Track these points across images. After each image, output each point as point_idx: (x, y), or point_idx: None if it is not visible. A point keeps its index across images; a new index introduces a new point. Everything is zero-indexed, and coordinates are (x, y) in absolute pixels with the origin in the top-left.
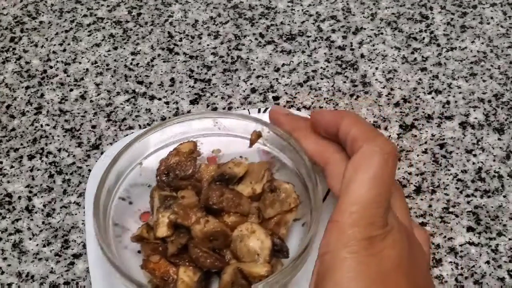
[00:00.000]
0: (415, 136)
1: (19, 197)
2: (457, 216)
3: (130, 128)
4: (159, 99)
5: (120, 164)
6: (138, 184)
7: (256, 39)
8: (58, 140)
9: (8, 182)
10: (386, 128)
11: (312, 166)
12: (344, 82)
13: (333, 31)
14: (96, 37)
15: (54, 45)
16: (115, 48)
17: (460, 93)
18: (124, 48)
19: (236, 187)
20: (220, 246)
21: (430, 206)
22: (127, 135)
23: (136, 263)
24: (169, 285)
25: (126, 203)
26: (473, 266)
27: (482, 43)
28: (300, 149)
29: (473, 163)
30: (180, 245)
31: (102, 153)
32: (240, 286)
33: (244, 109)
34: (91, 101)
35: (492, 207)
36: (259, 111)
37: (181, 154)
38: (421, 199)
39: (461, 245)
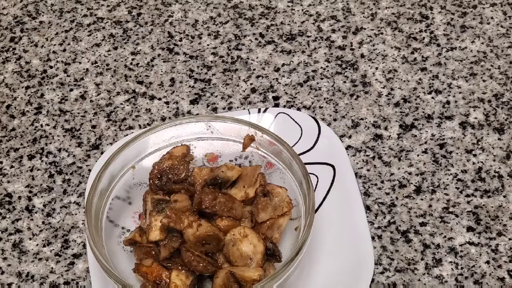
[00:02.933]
0: (415, 136)
1: (19, 197)
2: (457, 216)
3: (130, 128)
4: (159, 99)
5: (113, 167)
6: (137, 185)
7: (256, 39)
8: (58, 140)
9: (8, 182)
10: (386, 128)
11: (306, 171)
12: (344, 82)
13: (333, 31)
14: (96, 37)
15: (54, 45)
16: (115, 48)
17: (460, 93)
18: (124, 48)
19: (229, 191)
20: (212, 250)
21: (430, 206)
22: (127, 135)
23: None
24: None
25: (125, 203)
26: (473, 266)
27: (482, 43)
28: (294, 153)
29: (473, 163)
30: (172, 249)
31: (102, 153)
32: None
33: (244, 108)
34: (91, 101)
35: (492, 207)
36: (259, 111)
37: (174, 158)
38: (421, 199)
39: (461, 245)
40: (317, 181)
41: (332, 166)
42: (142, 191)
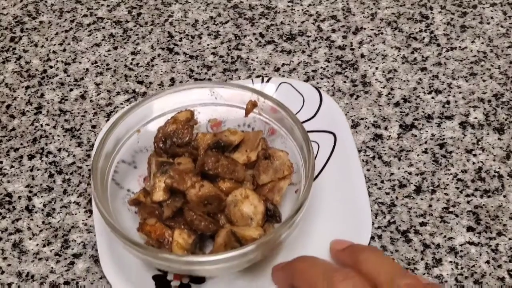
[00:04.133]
0: (415, 136)
1: (19, 197)
2: (457, 216)
3: None
4: None
5: (118, 131)
6: (143, 150)
7: (256, 39)
8: (58, 140)
9: (8, 182)
10: (386, 128)
11: (307, 135)
12: (344, 82)
13: (333, 31)
14: (96, 37)
15: (54, 45)
16: (115, 48)
17: (460, 93)
18: (124, 48)
19: (232, 155)
20: (214, 211)
21: (430, 206)
22: None
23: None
24: (164, 247)
25: (131, 167)
26: (473, 266)
27: (482, 43)
28: (295, 119)
29: (473, 163)
30: (175, 208)
31: None
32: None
33: (247, 78)
34: (91, 101)
35: (492, 207)
36: (262, 80)
37: (179, 122)
38: (421, 199)
39: (461, 245)
40: (318, 148)
41: (333, 133)
42: (147, 156)
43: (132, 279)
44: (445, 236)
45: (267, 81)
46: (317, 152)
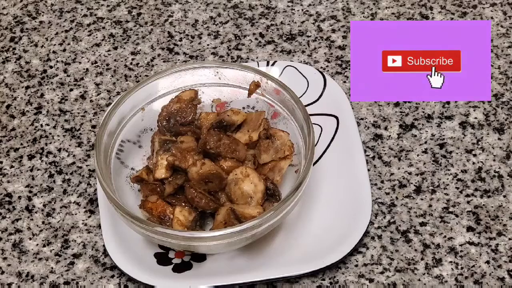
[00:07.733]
0: (415, 136)
1: (19, 197)
2: (457, 216)
3: None
4: None
5: (122, 108)
6: (148, 130)
7: (256, 39)
8: (58, 140)
9: (8, 182)
10: (386, 128)
11: (307, 114)
12: (344, 82)
13: (333, 31)
14: (96, 37)
15: (54, 45)
16: (115, 48)
17: None
18: (124, 48)
19: (234, 135)
20: (215, 189)
21: (430, 206)
22: None
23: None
24: (165, 224)
25: (136, 146)
26: (473, 266)
27: None
28: (297, 99)
29: (473, 163)
30: (176, 185)
31: None
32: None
33: (253, 60)
34: (91, 101)
35: (492, 207)
36: (267, 64)
37: (182, 101)
38: (421, 199)
39: (461, 245)
40: (321, 131)
41: (336, 117)
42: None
43: (134, 257)
44: (445, 236)
45: (272, 64)
46: (320, 135)
